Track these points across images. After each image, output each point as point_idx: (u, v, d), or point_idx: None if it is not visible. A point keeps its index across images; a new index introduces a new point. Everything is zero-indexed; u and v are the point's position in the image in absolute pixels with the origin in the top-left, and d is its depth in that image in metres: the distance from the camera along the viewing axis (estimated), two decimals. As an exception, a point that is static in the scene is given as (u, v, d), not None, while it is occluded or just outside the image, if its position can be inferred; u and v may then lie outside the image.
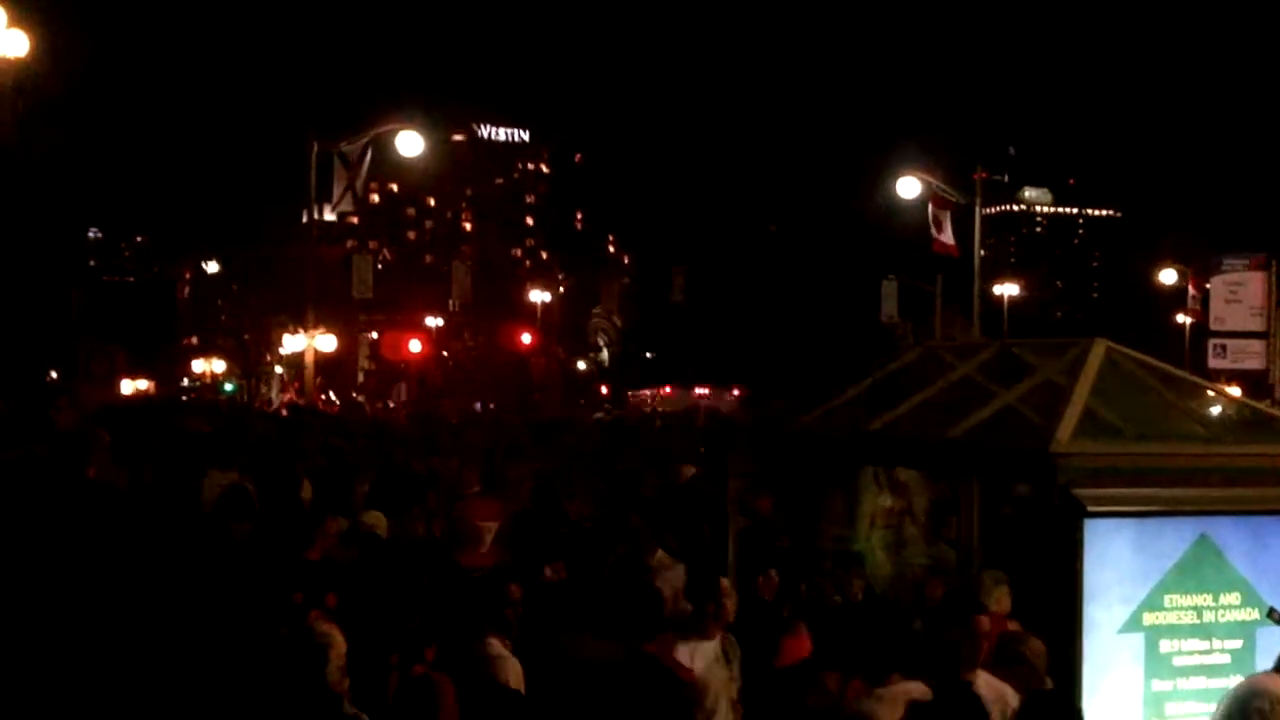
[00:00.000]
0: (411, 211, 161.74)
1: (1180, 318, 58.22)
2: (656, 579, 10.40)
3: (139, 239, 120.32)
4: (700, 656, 8.42)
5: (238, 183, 76.03)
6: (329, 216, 36.35)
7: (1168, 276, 59.40)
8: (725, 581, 8.96)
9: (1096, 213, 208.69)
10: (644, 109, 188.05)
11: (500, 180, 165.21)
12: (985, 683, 6.80)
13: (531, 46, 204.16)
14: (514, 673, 7.76)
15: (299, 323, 35.57)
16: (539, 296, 68.14)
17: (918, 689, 7.01)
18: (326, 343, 34.30)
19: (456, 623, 8.12)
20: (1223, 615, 7.59)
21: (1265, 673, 6.53)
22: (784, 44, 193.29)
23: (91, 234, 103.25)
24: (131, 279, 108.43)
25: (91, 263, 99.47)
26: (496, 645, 7.88)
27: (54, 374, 35.39)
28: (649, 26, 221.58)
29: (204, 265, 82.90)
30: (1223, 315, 39.88)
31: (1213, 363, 39.55)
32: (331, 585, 8.99)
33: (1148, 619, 7.43)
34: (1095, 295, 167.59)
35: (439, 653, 7.80)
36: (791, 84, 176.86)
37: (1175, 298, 59.62)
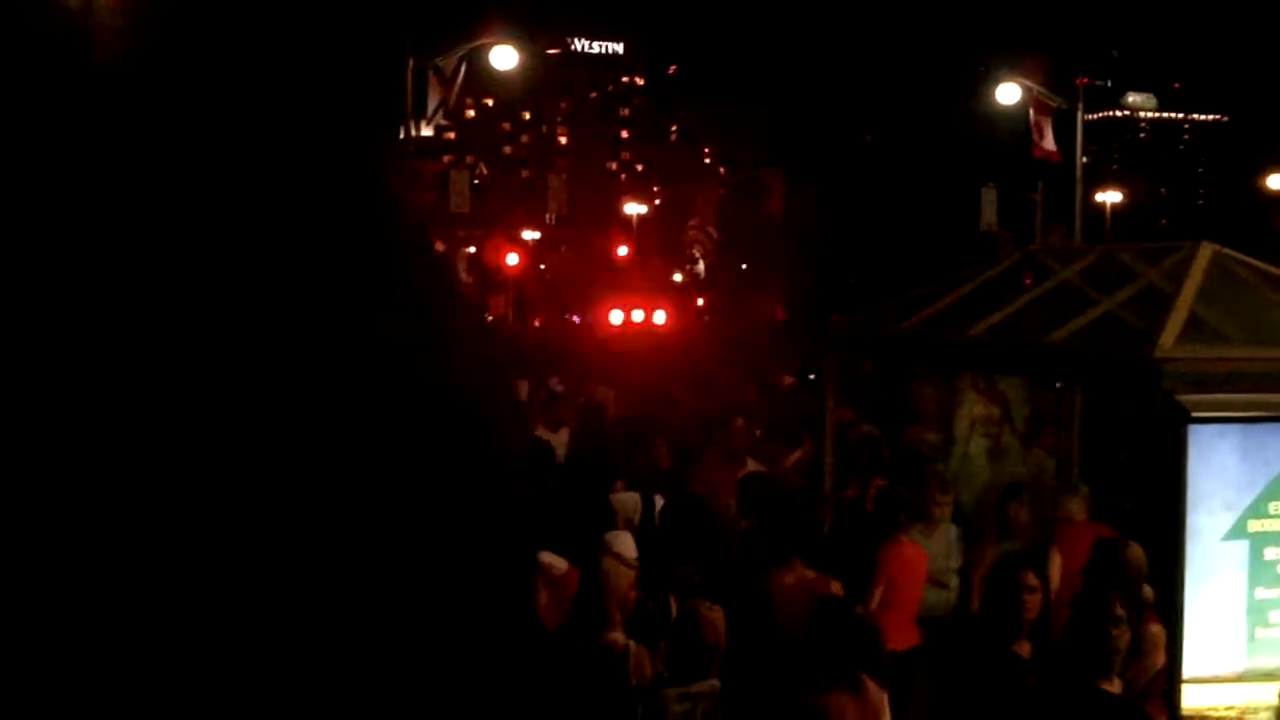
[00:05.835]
0: (507, 126, 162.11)
1: (1289, 223, 56.98)
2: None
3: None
4: None
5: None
6: (425, 131, 36.36)
7: (1276, 182, 58.05)
8: None
9: (1202, 118, 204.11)
10: (737, 19, 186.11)
11: (594, 93, 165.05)
12: None
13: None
14: None
15: (397, 237, 35.71)
16: (634, 209, 67.99)
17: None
18: (424, 257, 34.43)
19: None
20: (1329, 523, 7.47)
21: None
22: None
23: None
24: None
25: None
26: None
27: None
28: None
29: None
30: (1334, 219, 38.86)
31: (1323, 268, 38.65)
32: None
33: (1252, 526, 7.32)
34: (1201, 202, 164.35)
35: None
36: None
37: (1284, 203, 58.34)
